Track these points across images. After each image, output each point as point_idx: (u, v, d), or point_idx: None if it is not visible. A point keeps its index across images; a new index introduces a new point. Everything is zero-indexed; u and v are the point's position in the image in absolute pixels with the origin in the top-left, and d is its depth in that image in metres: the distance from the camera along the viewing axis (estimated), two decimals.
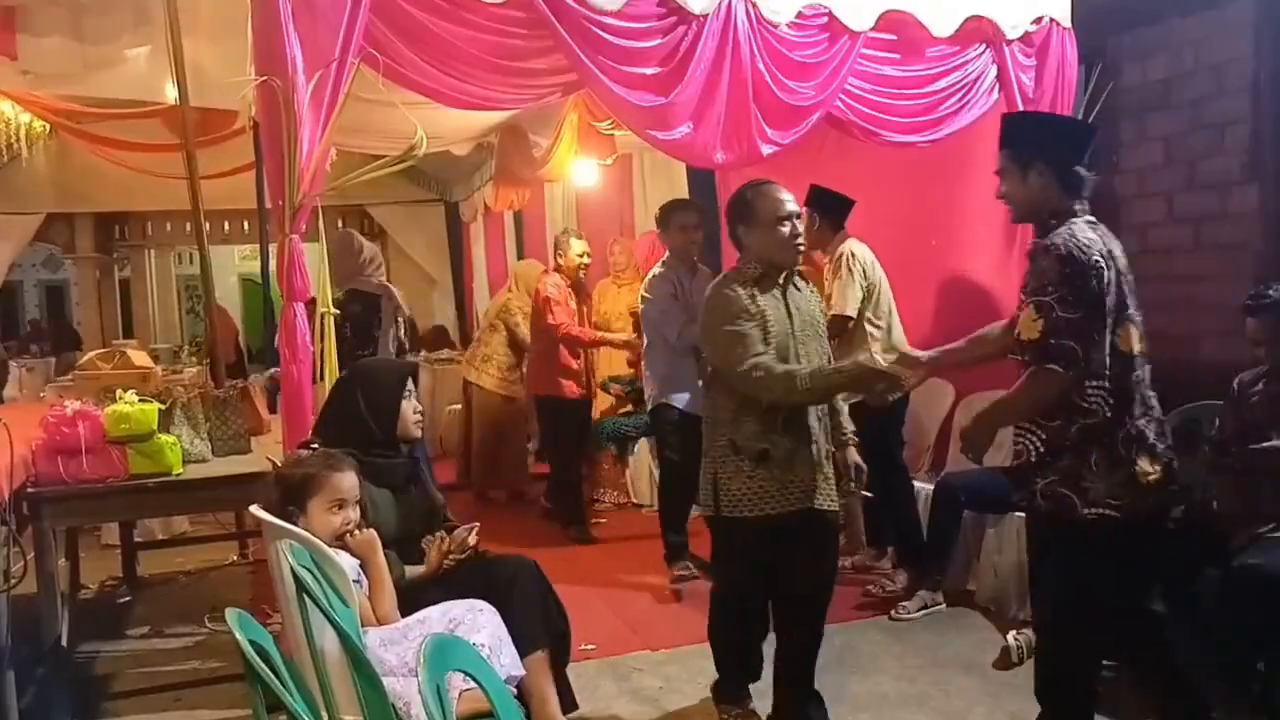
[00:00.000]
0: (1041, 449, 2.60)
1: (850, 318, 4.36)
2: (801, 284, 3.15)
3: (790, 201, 3.03)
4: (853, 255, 4.41)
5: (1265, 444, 3.27)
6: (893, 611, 4.22)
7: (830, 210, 4.51)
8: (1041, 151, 2.64)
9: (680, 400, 4.68)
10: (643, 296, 4.79)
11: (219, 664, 3.85)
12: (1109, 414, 2.51)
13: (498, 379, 6.66)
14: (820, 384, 2.87)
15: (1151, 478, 2.54)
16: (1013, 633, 3.72)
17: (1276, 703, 3.03)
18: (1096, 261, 2.46)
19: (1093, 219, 2.63)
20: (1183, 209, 4.63)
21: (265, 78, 3.12)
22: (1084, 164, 2.65)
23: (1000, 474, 4.03)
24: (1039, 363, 2.49)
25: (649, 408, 4.90)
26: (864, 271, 4.40)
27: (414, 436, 3.06)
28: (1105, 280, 2.48)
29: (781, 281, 3.06)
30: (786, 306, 3.04)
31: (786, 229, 3.00)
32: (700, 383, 4.12)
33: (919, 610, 4.22)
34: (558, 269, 5.97)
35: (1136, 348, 2.58)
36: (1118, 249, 2.61)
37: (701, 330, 3.11)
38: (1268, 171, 4.26)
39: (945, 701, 3.45)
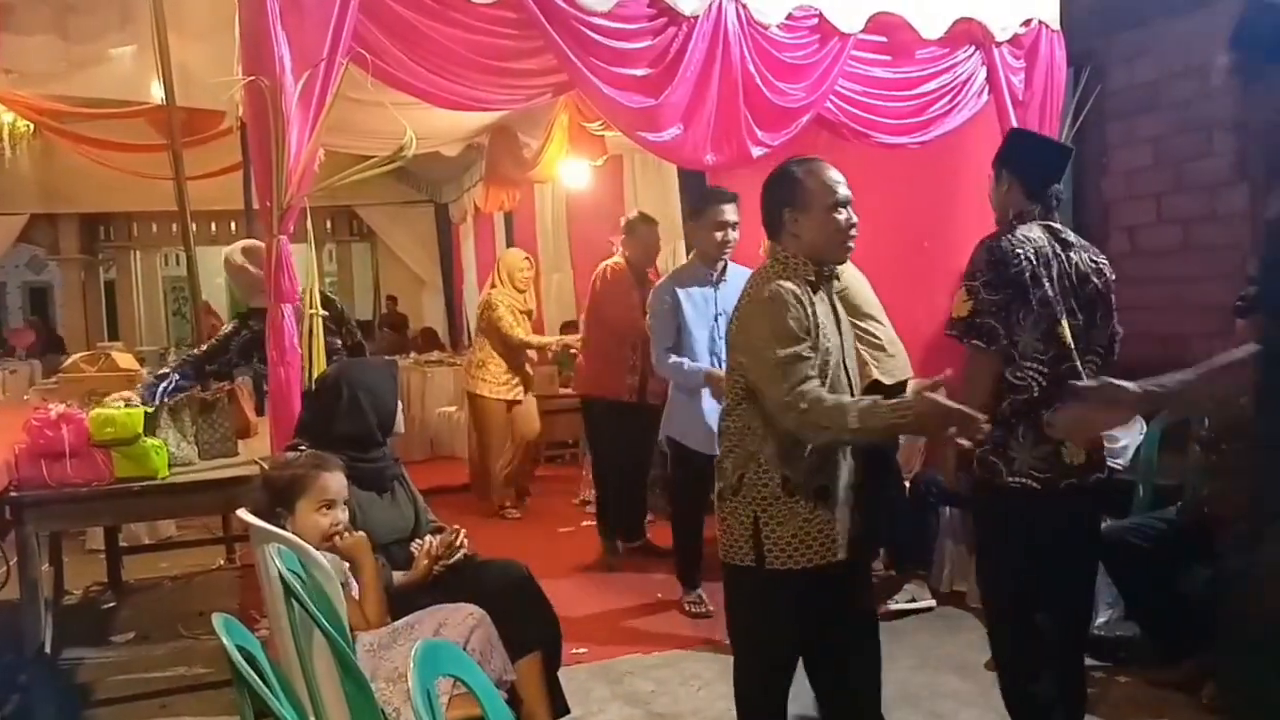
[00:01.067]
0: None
1: None
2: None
3: (844, 184, 2.55)
4: None
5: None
6: (880, 608, 4.22)
7: None
8: (1015, 163, 2.85)
9: (688, 438, 4.26)
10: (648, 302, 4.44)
11: (205, 670, 3.81)
12: (1038, 394, 2.65)
13: (494, 385, 6.27)
14: (874, 423, 2.31)
15: (1076, 460, 2.68)
16: None
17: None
18: (1019, 253, 2.67)
19: (1053, 225, 2.80)
20: (1171, 210, 4.64)
21: (253, 77, 3.09)
22: (1055, 180, 2.86)
23: None
24: (965, 337, 2.72)
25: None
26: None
27: (401, 432, 3.14)
28: (1029, 273, 2.66)
29: (827, 284, 2.59)
30: (836, 316, 2.59)
31: (842, 217, 2.51)
32: (710, 400, 3.98)
33: (907, 601, 4.23)
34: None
35: (1070, 342, 2.70)
36: (1078, 255, 2.77)
37: (741, 336, 2.54)
38: (1256, 172, 4.27)
39: (937, 702, 3.44)
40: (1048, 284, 2.69)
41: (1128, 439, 3.89)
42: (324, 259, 12.62)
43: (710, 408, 4.08)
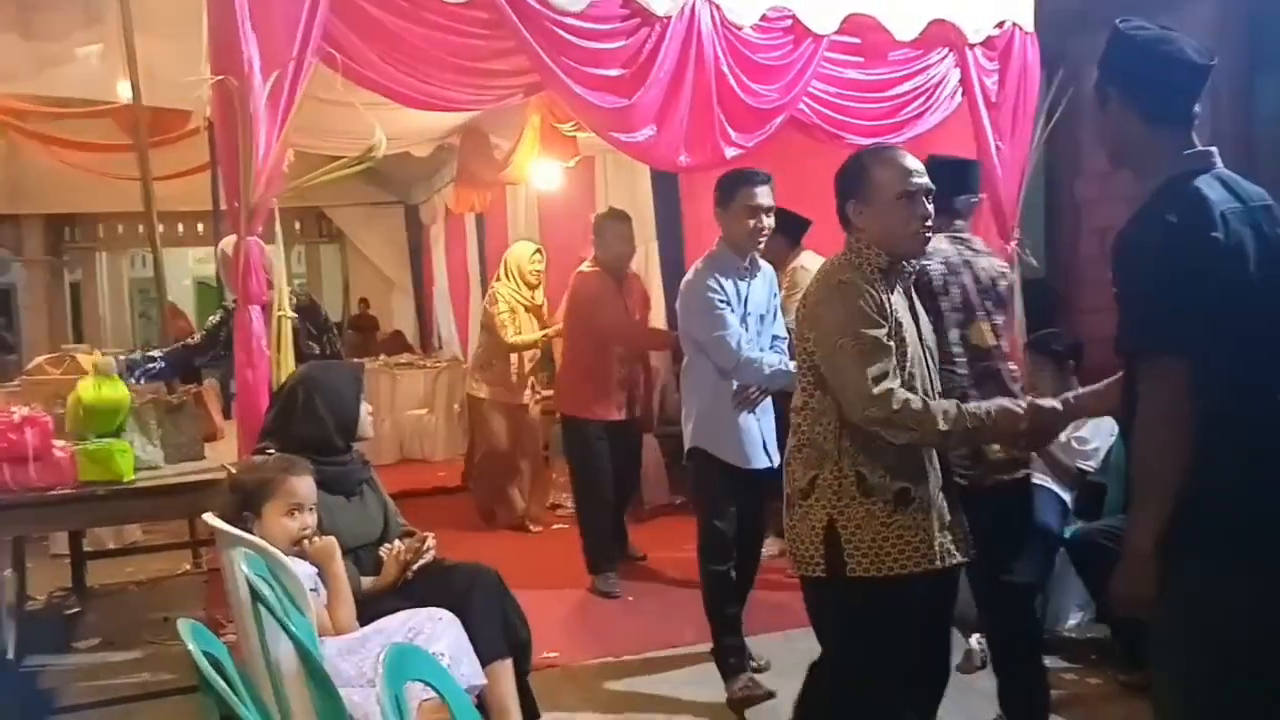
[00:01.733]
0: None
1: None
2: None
3: (921, 174, 2.39)
4: (803, 269, 4.40)
5: None
6: None
7: (785, 228, 4.27)
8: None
9: (728, 453, 3.62)
10: (681, 297, 3.74)
11: (171, 676, 3.76)
12: (959, 394, 2.71)
13: (498, 388, 5.84)
14: (961, 428, 2.24)
15: (999, 456, 2.81)
16: (975, 635, 3.73)
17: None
18: (928, 266, 2.81)
19: (960, 235, 3.03)
20: (1113, 221, 4.65)
21: (221, 77, 3.06)
22: (962, 193, 3.09)
23: None
24: None
25: (685, 449, 3.78)
26: None
27: (369, 436, 3.06)
28: (939, 283, 2.85)
29: (903, 278, 2.44)
30: (914, 313, 2.45)
31: (911, 209, 2.35)
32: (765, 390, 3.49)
33: None
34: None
35: (990, 342, 2.88)
36: (985, 261, 2.99)
37: (811, 326, 2.38)
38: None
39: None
40: (958, 291, 2.87)
41: (1099, 441, 3.92)
42: (293, 260, 12.51)
43: (749, 417, 3.63)
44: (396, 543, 2.88)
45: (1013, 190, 4.54)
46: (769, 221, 3.59)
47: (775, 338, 3.78)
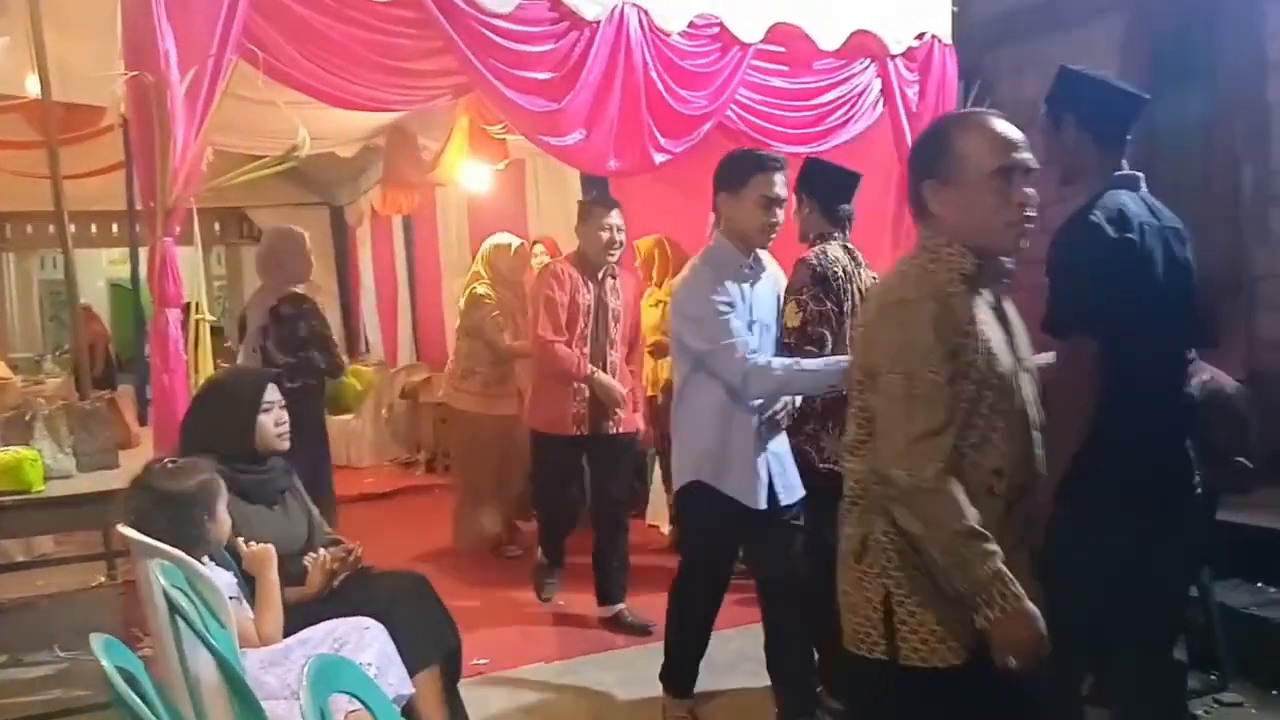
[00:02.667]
0: (803, 412, 3.25)
1: None
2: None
3: (1021, 146, 1.85)
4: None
5: None
6: None
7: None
8: (813, 189, 3.38)
9: (742, 492, 3.08)
10: (675, 302, 3.22)
11: (84, 693, 3.63)
12: (843, 392, 2.71)
13: (481, 398, 5.30)
14: (976, 575, 1.75)
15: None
16: None
17: None
18: (835, 273, 3.19)
19: (849, 246, 3.34)
20: (1052, 223, 4.79)
21: (136, 73, 2.97)
22: (848, 202, 3.39)
23: None
24: (800, 345, 3.13)
25: (675, 486, 3.28)
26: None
27: (277, 450, 2.89)
28: (839, 289, 3.18)
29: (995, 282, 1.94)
30: (1008, 328, 1.93)
31: (1007, 191, 1.83)
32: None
33: None
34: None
35: None
36: (866, 271, 3.33)
37: (866, 350, 1.92)
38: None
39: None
40: (850, 299, 3.20)
41: None
42: (213, 262, 12.22)
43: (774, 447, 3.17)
44: (322, 551, 2.82)
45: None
46: (781, 216, 3.12)
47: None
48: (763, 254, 3.25)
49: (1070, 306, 2.35)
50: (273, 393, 2.89)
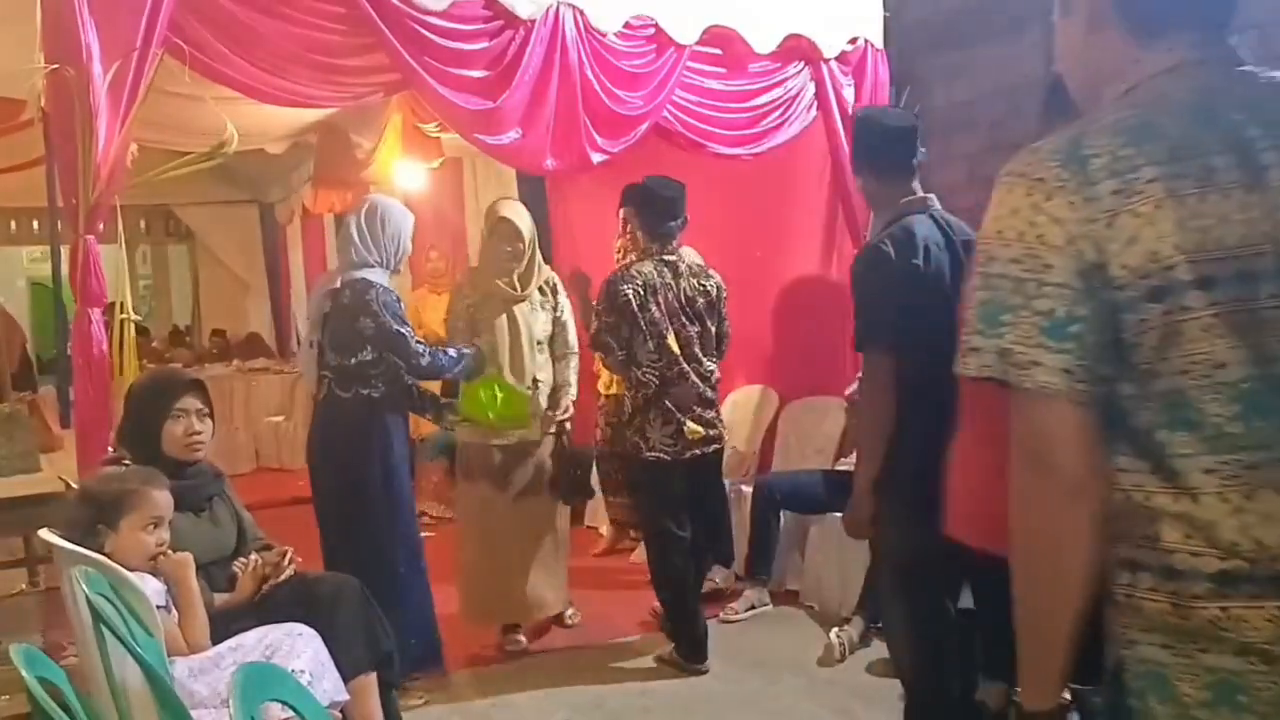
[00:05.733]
0: (628, 409, 3.74)
1: None
2: None
3: None
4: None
5: None
6: (721, 613, 4.28)
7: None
8: (638, 208, 3.79)
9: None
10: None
11: (3, 703, 3.53)
12: (655, 389, 3.64)
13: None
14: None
15: (696, 435, 3.68)
16: (835, 629, 3.85)
17: None
18: (625, 289, 3.60)
19: (668, 259, 3.71)
20: (965, 210, 4.90)
21: (56, 66, 2.88)
22: (675, 218, 3.72)
23: (818, 475, 4.28)
24: (594, 349, 3.82)
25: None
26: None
27: (185, 460, 2.76)
28: (637, 303, 3.59)
29: None
30: None
31: None
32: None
33: (746, 610, 4.31)
34: None
35: (676, 351, 3.65)
36: (687, 282, 3.72)
37: None
38: None
39: (774, 701, 3.53)
40: (655, 308, 3.61)
41: None
42: (138, 261, 11.90)
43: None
44: (253, 556, 2.76)
45: (864, 200, 4.72)
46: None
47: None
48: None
49: (864, 326, 2.62)
50: (189, 401, 2.80)
